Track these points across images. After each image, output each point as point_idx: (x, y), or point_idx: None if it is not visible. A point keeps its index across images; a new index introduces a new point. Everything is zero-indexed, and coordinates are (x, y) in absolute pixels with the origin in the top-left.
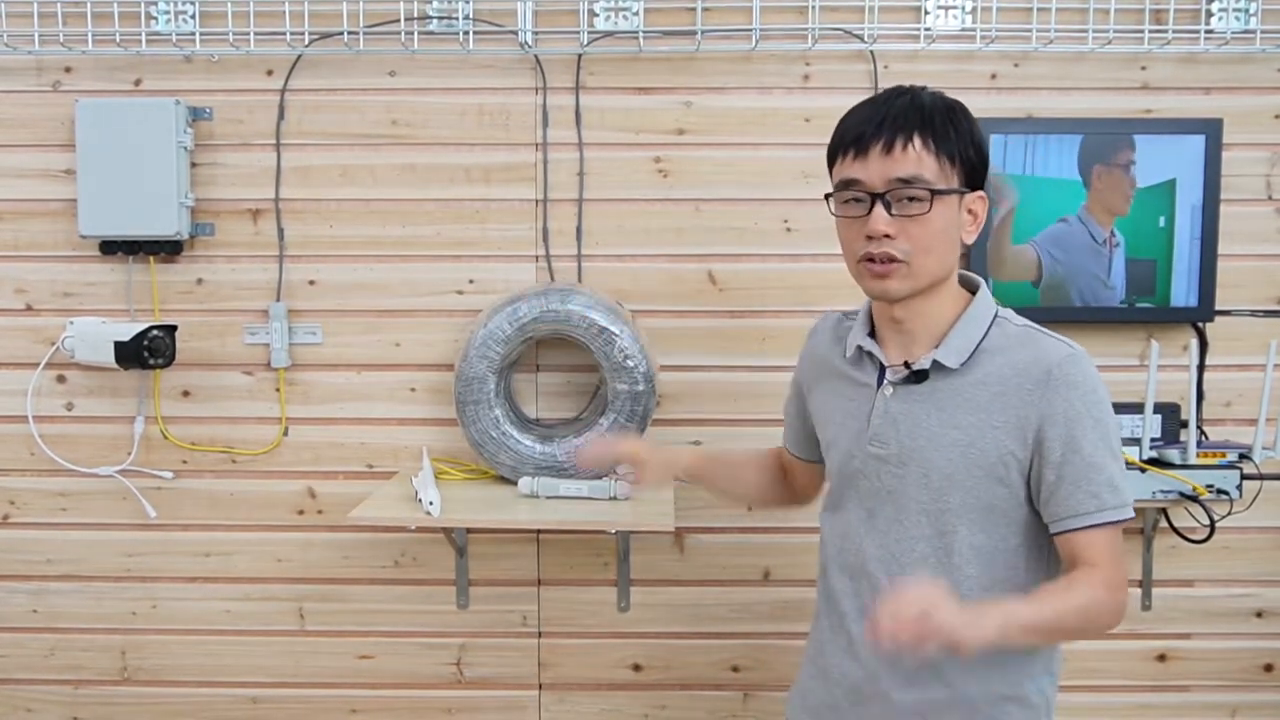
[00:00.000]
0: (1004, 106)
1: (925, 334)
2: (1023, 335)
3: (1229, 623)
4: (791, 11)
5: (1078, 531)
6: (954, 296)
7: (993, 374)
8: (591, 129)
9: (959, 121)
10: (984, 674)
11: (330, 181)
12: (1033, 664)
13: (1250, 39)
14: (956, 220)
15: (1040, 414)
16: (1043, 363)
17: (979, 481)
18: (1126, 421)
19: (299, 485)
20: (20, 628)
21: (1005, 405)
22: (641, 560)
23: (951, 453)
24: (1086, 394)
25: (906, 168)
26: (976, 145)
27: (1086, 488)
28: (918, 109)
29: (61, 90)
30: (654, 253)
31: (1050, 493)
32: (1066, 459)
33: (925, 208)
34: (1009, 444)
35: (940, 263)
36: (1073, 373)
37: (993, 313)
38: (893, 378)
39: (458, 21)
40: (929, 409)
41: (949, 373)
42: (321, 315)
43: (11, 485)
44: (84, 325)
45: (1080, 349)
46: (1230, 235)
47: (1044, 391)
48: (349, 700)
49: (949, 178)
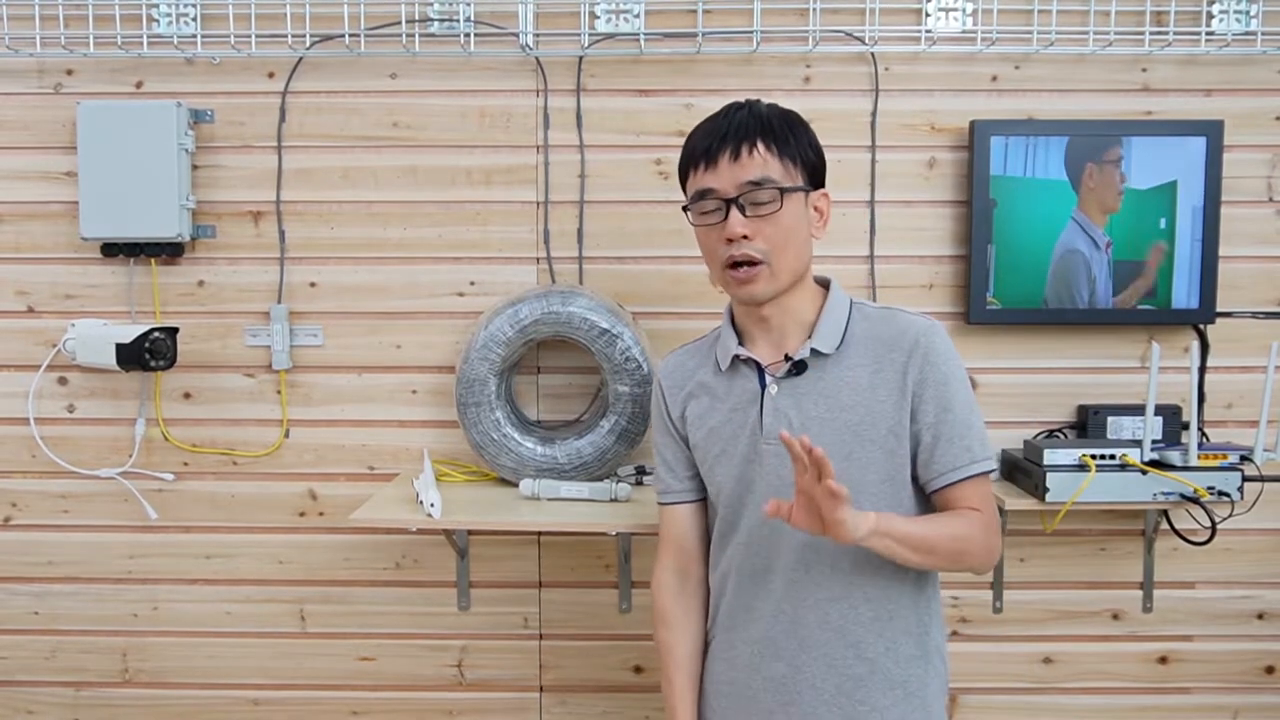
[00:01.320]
0: (1005, 108)
1: (794, 329)
2: (883, 314)
3: (1230, 625)
4: (792, 13)
5: (956, 485)
6: (813, 292)
7: (866, 353)
8: (592, 131)
9: (795, 126)
10: (891, 638)
11: (331, 183)
12: (926, 615)
13: (1251, 40)
14: (805, 217)
15: (916, 380)
16: (909, 334)
17: (874, 456)
18: (1128, 423)
19: (300, 487)
20: (22, 629)
21: (884, 379)
22: (643, 562)
23: (844, 434)
24: (949, 357)
25: (754, 171)
26: (814, 147)
27: (960, 443)
28: (756, 118)
29: (63, 92)
30: (655, 254)
31: (929, 453)
32: (940, 419)
33: (776, 206)
34: (894, 414)
35: (797, 258)
36: (936, 340)
37: (848, 301)
38: (775, 374)
39: (459, 24)
40: (815, 397)
41: (826, 360)
42: (322, 317)
43: (13, 487)
44: (85, 327)
45: (937, 321)
46: (1231, 237)
47: (915, 359)
48: (350, 702)
49: (794, 177)
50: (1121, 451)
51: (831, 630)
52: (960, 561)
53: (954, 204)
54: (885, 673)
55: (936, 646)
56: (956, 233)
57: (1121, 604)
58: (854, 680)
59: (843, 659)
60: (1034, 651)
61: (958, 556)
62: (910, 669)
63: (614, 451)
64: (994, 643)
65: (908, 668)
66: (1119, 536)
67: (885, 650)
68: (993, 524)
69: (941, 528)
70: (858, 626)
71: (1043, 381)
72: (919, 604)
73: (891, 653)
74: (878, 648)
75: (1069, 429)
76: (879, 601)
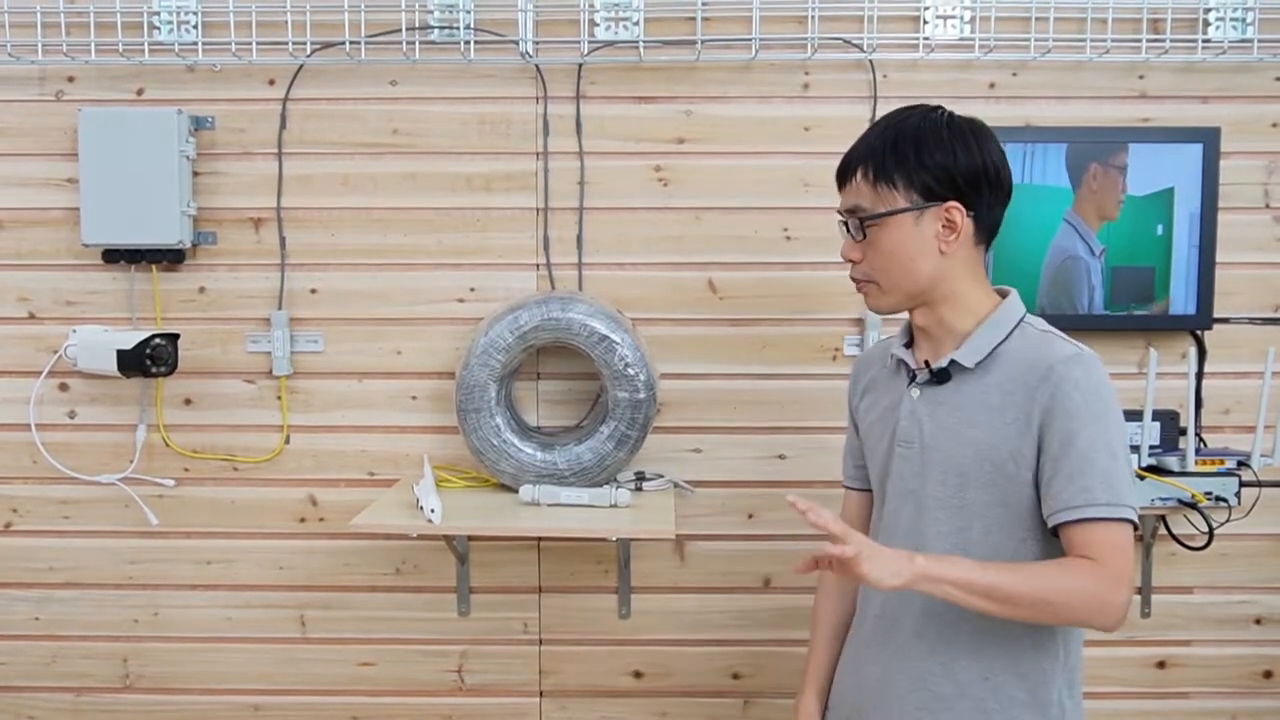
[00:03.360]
0: (1002, 115)
1: (949, 338)
2: (1040, 339)
3: (1228, 629)
4: (791, 21)
5: (1071, 525)
6: (971, 304)
7: (1005, 374)
8: (592, 138)
9: (905, 148)
10: (990, 668)
11: (332, 190)
12: (1049, 664)
13: (1248, 48)
14: (913, 237)
15: (1043, 409)
16: (1047, 360)
17: (993, 479)
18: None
19: (300, 493)
20: (22, 635)
21: (1014, 403)
22: (642, 567)
23: (968, 450)
24: (1087, 391)
25: (850, 199)
26: (931, 165)
27: (1079, 481)
28: (868, 144)
29: (64, 99)
30: (654, 261)
31: (1047, 487)
32: (1063, 452)
33: (861, 235)
34: (1018, 441)
35: (907, 277)
36: (1075, 370)
37: (1017, 318)
38: (918, 379)
39: (459, 31)
40: (949, 409)
41: (968, 374)
42: (323, 323)
43: (14, 493)
44: (86, 333)
45: (1090, 352)
46: (1228, 243)
47: (1046, 387)
48: (350, 707)
49: (888, 200)
50: None
51: (925, 643)
52: (1055, 614)
53: None
54: (978, 703)
55: (1058, 701)
56: None
57: None
58: (940, 699)
59: (930, 675)
60: None
61: (1050, 610)
62: (1013, 712)
63: (613, 457)
64: None
65: (1009, 710)
66: None
67: (981, 679)
68: (1111, 576)
69: (1030, 578)
70: (952, 646)
71: None
72: (1039, 647)
73: (990, 685)
74: (971, 673)
75: None
76: (983, 628)
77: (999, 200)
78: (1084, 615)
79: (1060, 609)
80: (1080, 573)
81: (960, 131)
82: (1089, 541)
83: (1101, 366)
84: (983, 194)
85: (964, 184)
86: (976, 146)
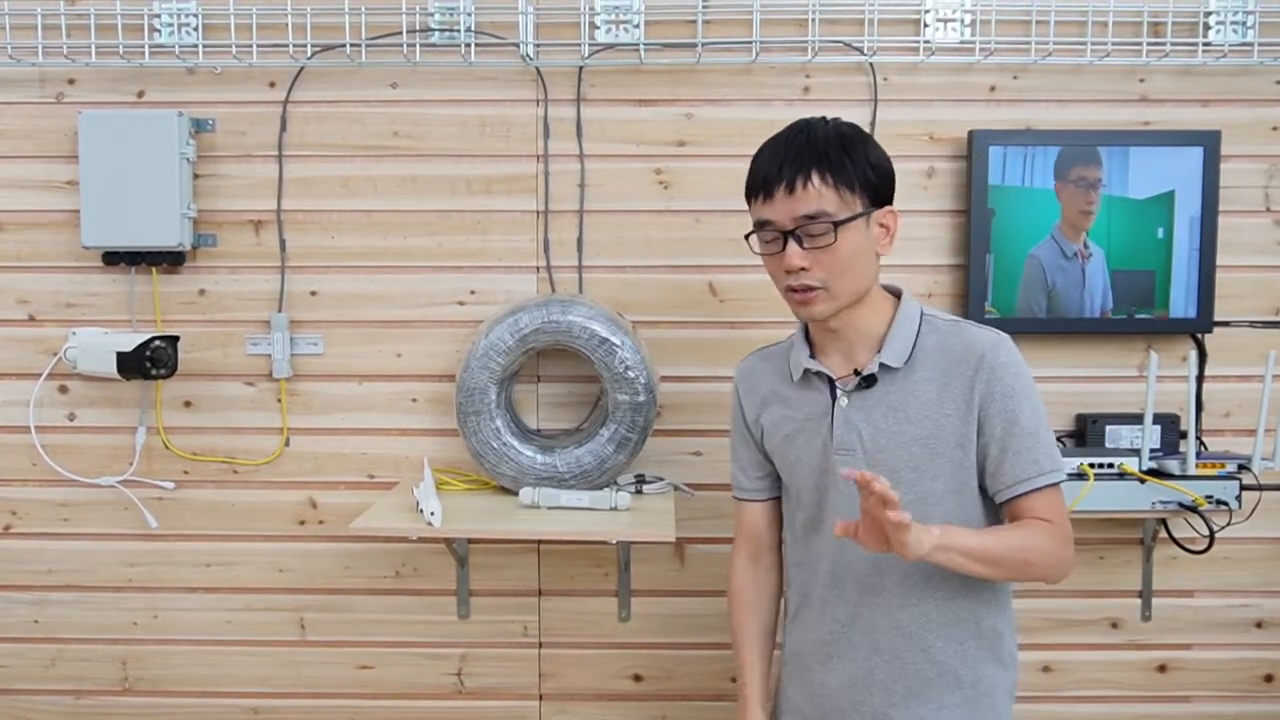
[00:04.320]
0: (1003, 118)
1: (863, 342)
2: (951, 328)
3: (1229, 633)
4: (791, 24)
5: (1025, 496)
6: (881, 304)
7: (934, 367)
8: (592, 140)
9: (853, 149)
10: (961, 640)
11: (332, 192)
12: (1000, 621)
13: (1248, 51)
14: (866, 240)
15: (982, 394)
16: (975, 349)
17: (941, 468)
18: (1126, 432)
19: (300, 495)
20: (21, 638)
21: (952, 394)
22: (642, 570)
23: (913, 447)
24: (1017, 373)
25: (809, 205)
26: (874, 165)
27: (1028, 456)
28: (812, 146)
29: (65, 102)
30: (655, 263)
31: (996, 465)
32: (1009, 432)
33: (831, 239)
34: (961, 428)
35: (858, 280)
36: (1002, 354)
37: (919, 312)
38: (845, 387)
39: (459, 34)
40: (884, 410)
41: (895, 373)
42: (323, 326)
43: (13, 495)
44: (86, 336)
45: (1005, 334)
46: (1229, 247)
47: (981, 374)
48: (350, 710)
49: (850, 204)
50: (1120, 460)
51: (904, 635)
52: (1027, 571)
53: (952, 213)
54: (954, 674)
55: (1010, 651)
56: (955, 242)
57: (1120, 612)
58: (923, 682)
59: (913, 662)
60: (1033, 660)
61: (1023, 567)
62: (981, 670)
63: (614, 460)
64: None
65: (978, 669)
66: (1118, 545)
67: (955, 653)
68: (1063, 534)
69: (1007, 540)
70: (928, 632)
71: (1041, 390)
72: (992, 609)
73: (961, 655)
74: (948, 651)
75: (1068, 438)
76: (950, 607)
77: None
78: (1046, 570)
79: (1034, 566)
80: (1044, 533)
81: (870, 136)
82: (1043, 506)
83: (1015, 345)
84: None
85: (891, 186)
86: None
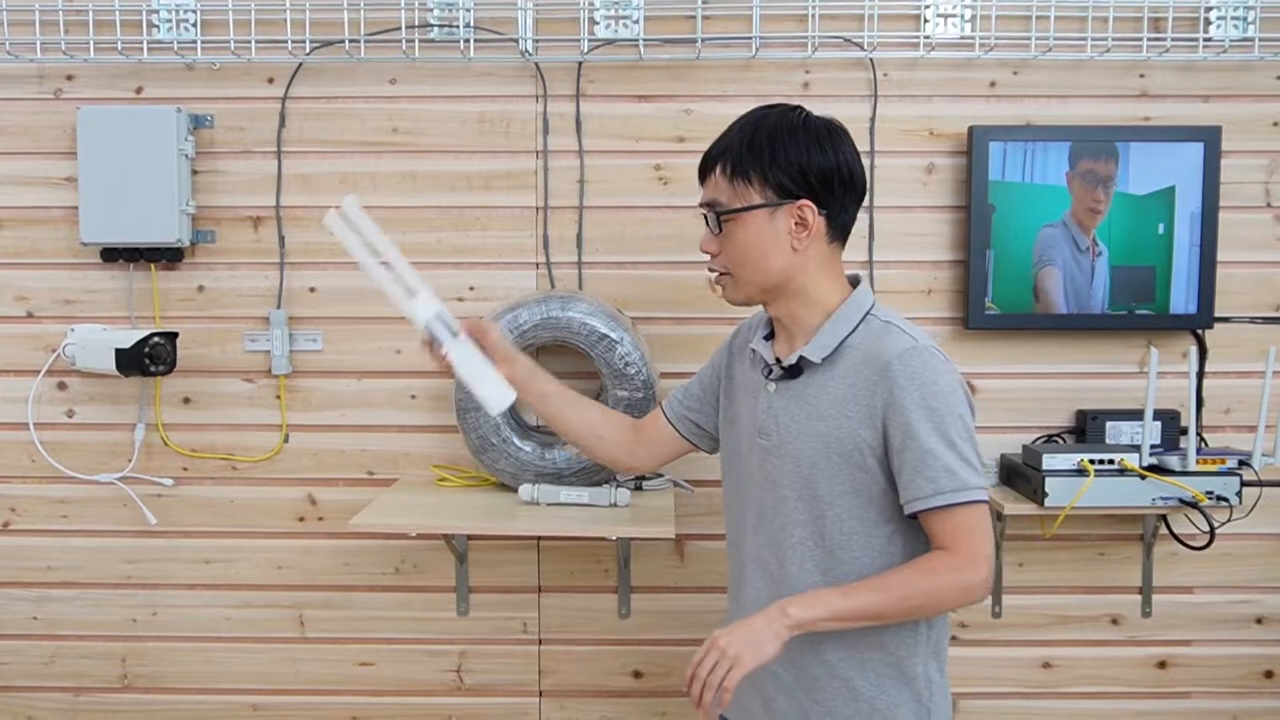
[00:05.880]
0: (1003, 114)
1: (800, 333)
2: (881, 330)
3: (1229, 629)
4: (791, 19)
5: (926, 514)
6: (821, 298)
7: (850, 368)
8: (592, 136)
9: (760, 145)
10: (857, 648)
11: (331, 189)
12: (910, 640)
13: (1248, 47)
14: (767, 233)
15: (883, 403)
16: (885, 355)
17: (840, 468)
18: (1126, 428)
19: (299, 492)
20: (20, 635)
21: (856, 396)
22: (642, 567)
23: (815, 442)
24: (923, 385)
25: (709, 193)
26: (785, 163)
27: (925, 473)
28: (728, 139)
29: (63, 98)
30: (654, 260)
31: (897, 478)
32: (906, 445)
33: (717, 229)
34: (862, 432)
35: (760, 272)
36: (911, 364)
37: (864, 310)
38: (772, 374)
39: (458, 29)
40: (799, 402)
41: (817, 368)
42: (322, 322)
43: (12, 492)
44: (85, 332)
45: (926, 343)
46: (1229, 242)
47: (884, 382)
48: (349, 707)
49: (744, 196)
50: (1120, 456)
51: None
52: (928, 611)
53: (952, 209)
54: (846, 681)
55: (923, 674)
56: (955, 238)
57: (1120, 609)
58: (811, 679)
59: (801, 656)
60: (1033, 656)
61: (920, 610)
62: (882, 686)
63: None
64: (993, 647)
65: (879, 685)
66: (1118, 541)
67: (847, 658)
68: (964, 562)
69: (892, 589)
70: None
71: (1041, 386)
72: (903, 628)
73: (858, 664)
74: (838, 653)
75: (1068, 434)
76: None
77: (852, 200)
78: (951, 603)
79: (929, 606)
80: (935, 568)
81: (816, 132)
82: (944, 529)
83: (937, 355)
84: (835, 193)
85: (817, 183)
86: (831, 147)
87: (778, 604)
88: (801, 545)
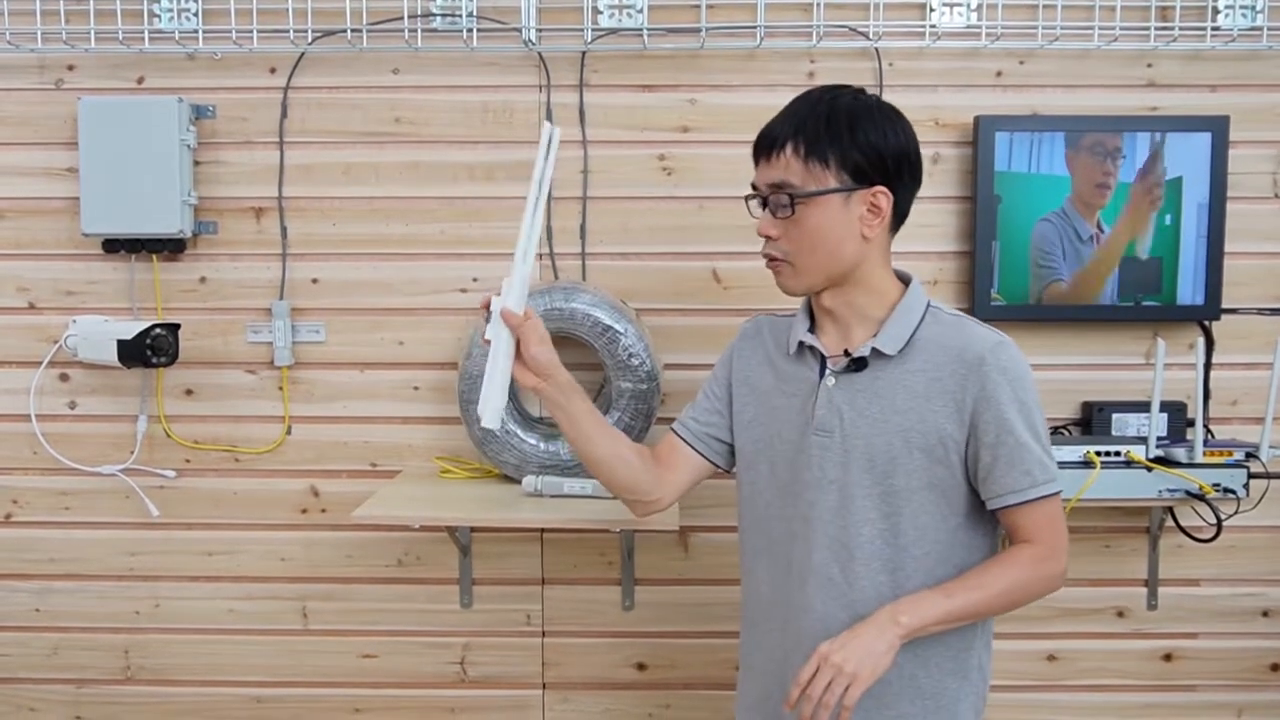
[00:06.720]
0: (1009, 104)
1: (859, 324)
2: (955, 323)
3: (1235, 622)
4: (796, 9)
5: (1015, 507)
6: (882, 288)
7: (929, 361)
8: (595, 126)
9: (844, 124)
10: (923, 646)
11: (333, 179)
12: (969, 632)
13: (1257, 36)
14: (840, 218)
15: (974, 398)
16: (975, 349)
17: (920, 463)
18: (1133, 420)
19: (302, 484)
20: (23, 627)
21: (942, 390)
22: (646, 559)
23: (894, 437)
24: (1015, 379)
25: (776, 174)
26: (865, 145)
27: (1020, 466)
28: (799, 117)
29: (64, 88)
30: (658, 250)
31: (987, 472)
32: (1000, 440)
33: (789, 211)
34: (947, 426)
35: (830, 259)
36: (1003, 359)
37: (925, 304)
38: (834, 367)
39: (461, 19)
40: (870, 396)
41: (887, 361)
42: (325, 313)
43: (14, 484)
44: (87, 324)
45: (1008, 338)
46: (1237, 233)
47: (977, 377)
48: (352, 699)
49: (820, 179)
50: (1126, 448)
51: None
52: (1020, 603)
53: (958, 199)
54: (913, 680)
55: (978, 664)
56: (961, 228)
57: (1126, 601)
58: (880, 684)
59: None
60: (1038, 649)
61: (1014, 603)
62: (944, 682)
63: None
64: (998, 640)
65: (941, 680)
66: (1124, 534)
67: (914, 658)
68: (1050, 552)
69: (990, 584)
70: None
71: (1047, 378)
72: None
73: (921, 661)
74: (905, 654)
75: (1074, 426)
76: None
77: (915, 187)
78: (1039, 595)
79: (1022, 600)
80: (1024, 561)
81: (890, 114)
82: (1030, 521)
83: (1018, 349)
84: (904, 179)
85: (891, 167)
86: (904, 131)
87: (886, 611)
88: (871, 544)
